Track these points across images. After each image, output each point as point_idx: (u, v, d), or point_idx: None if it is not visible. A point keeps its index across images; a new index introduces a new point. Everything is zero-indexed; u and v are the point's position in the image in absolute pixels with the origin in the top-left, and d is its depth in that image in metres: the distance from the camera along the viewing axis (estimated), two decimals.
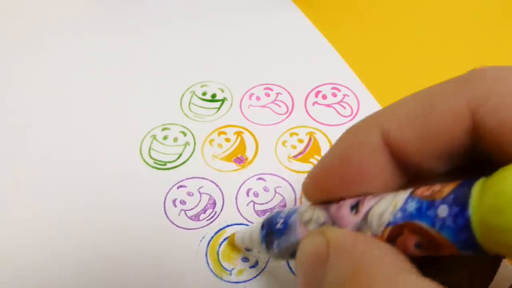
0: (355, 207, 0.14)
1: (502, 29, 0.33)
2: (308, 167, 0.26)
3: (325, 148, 0.26)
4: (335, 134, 0.27)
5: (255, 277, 0.22)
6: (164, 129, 0.28)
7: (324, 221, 0.15)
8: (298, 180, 0.25)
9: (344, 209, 0.14)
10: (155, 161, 0.26)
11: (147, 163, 0.26)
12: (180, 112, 0.28)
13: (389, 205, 0.13)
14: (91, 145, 0.27)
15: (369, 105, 0.28)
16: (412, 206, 0.12)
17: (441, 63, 0.31)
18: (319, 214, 0.15)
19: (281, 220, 0.17)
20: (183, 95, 0.29)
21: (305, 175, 0.25)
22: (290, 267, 0.22)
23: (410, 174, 0.15)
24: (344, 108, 0.28)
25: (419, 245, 0.12)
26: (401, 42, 0.33)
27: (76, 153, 0.27)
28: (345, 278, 0.12)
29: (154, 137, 0.27)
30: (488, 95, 0.12)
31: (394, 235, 0.13)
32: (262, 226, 0.18)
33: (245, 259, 0.22)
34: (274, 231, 0.17)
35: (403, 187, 0.14)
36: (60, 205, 0.25)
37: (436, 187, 0.12)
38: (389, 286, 0.11)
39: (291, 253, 0.16)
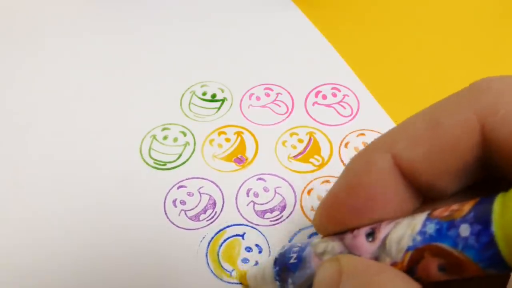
0: (371, 235, 0.14)
1: (502, 29, 0.33)
2: (308, 167, 0.26)
3: (325, 148, 0.26)
4: (335, 134, 0.27)
5: None
6: (164, 129, 0.28)
7: (340, 252, 0.15)
8: (298, 180, 0.25)
9: (360, 238, 0.14)
10: (155, 161, 0.26)
11: (147, 163, 0.26)
12: (180, 112, 0.28)
13: (406, 229, 0.13)
14: (91, 145, 0.27)
15: (369, 105, 0.28)
16: (431, 228, 0.12)
17: (441, 63, 0.31)
18: (334, 245, 0.15)
19: (295, 255, 0.16)
20: (183, 95, 0.29)
21: (305, 175, 0.25)
22: None
23: (423, 196, 0.14)
24: (344, 108, 0.28)
25: (442, 268, 0.12)
26: (401, 42, 0.33)
27: (76, 153, 0.27)
28: None
29: (154, 137, 0.27)
30: (496, 106, 0.12)
31: (415, 260, 0.12)
32: (275, 263, 0.17)
33: (246, 260, 0.22)
34: (288, 266, 0.16)
35: (416, 211, 0.14)
36: (60, 205, 0.25)
37: (454, 207, 0.12)
38: None
39: (308, 287, 0.16)
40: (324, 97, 0.29)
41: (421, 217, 0.13)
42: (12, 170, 0.26)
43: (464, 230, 0.11)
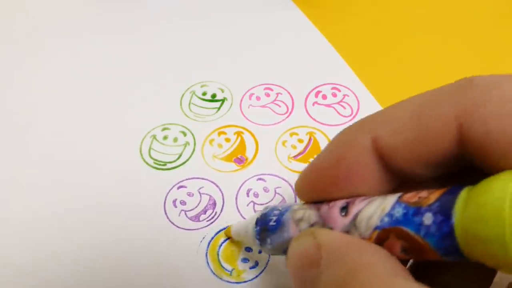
0: (345, 209, 0.15)
1: (502, 29, 0.33)
2: None
3: None
4: (335, 134, 0.27)
5: (255, 277, 0.22)
6: (164, 129, 0.28)
7: (315, 221, 0.15)
8: None
9: (334, 210, 0.15)
10: (155, 161, 0.26)
11: (147, 163, 0.26)
12: (180, 112, 0.28)
13: (377, 209, 0.14)
14: (91, 145, 0.27)
15: (369, 105, 0.28)
16: (399, 211, 0.13)
17: (441, 63, 0.31)
18: (311, 214, 0.16)
19: (274, 218, 0.17)
20: (183, 95, 0.29)
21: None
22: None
23: (399, 179, 0.15)
24: (344, 108, 0.28)
25: (404, 250, 0.13)
26: (401, 42, 0.33)
27: (76, 153, 0.27)
28: (340, 282, 0.12)
29: (154, 137, 0.27)
30: (475, 105, 0.12)
31: (381, 239, 0.13)
32: (256, 223, 0.18)
33: (245, 260, 0.22)
34: (268, 227, 0.17)
35: (392, 190, 0.15)
36: (60, 205, 0.25)
37: (423, 194, 0.13)
38: None
39: (285, 249, 0.16)
40: (324, 97, 0.29)
41: (391, 199, 0.13)
42: (12, 170, 0.26)
43: (428, 218, 0.12)
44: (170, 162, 0.26)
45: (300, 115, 0.28)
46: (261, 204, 0.24)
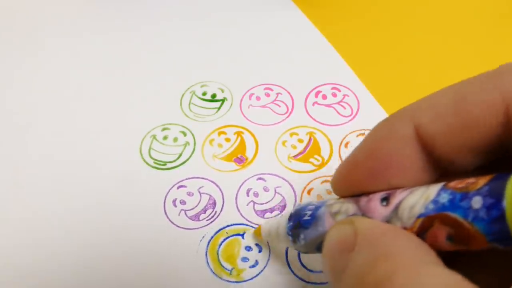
0: (385, 199, 0.14)
1: (502, 29, 0.33)
2: (308, 167, 0.26)
3: (325, 148, 0.26)
4: (335, 134, 0.27)
5: (255, 277, 0.22)
6: (164, 129, 0.28)
7: (354, 213, 0.15)
8: (298, 180, 0.25)
9: (374, 201, 0.14)
10: (155, 161, 0.26)
11: (147, 163, 0.26)
12: (180, 112, 0.28)
13: (420, 197, 0.13)
14: (91, 145, 0.27)
15: (369, 105, 0.28)
16: (444, 197, 0.12)
17: (441, 63, 0.31)
18: (349, 206, 0.15)
19: (309, 212, 0.17)
20: (183, 95, 0.29)
21: (305, 175, 0.25)
22: (290, 267, 0.22)
23: (441, 170, 0.15)
24: (344, 108, 0.28)
25: (450, 237, 0.12)
26: (401, 42, 0.33)
27: (76, 153, 0.27)
28: (368, 265, 0.12)
29: (154, 137, 0.27)
30: None
31: (425, 227, 0.13)
32: (290, 218, 0.18)
33: (245, 259, 0.22)
34: (302, 222, 0.17)
35: (433, 183, 0.14)
36: (60, 205, 0.25)
37: (471, 180, 0.12)
38: (411, 276, 0.11)
39: (318, 245, 0.16)
40: (324, 97, 0.29)
41: (436, 187, 0.13)
42: (12, 170, 0.26)
43: (476, 202, 0.11)
44: (170, 162, 0.26)
45: (300, 115, 0.28)
46: (261, 204, 0.24)
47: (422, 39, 0.33)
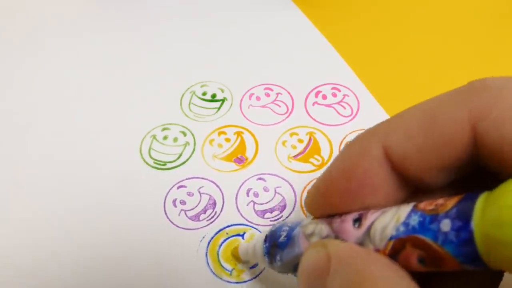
0: (357, 221, 0.14)
1: (502, 29, 0.33)
2: (308, 167, 0.26)
3: (325, 148, 0.27)
4: (335, 134, 0.27)
5: (255, 277, 0.22)
6: (164, 129, 0.28)
7: (327, 235, 0.15)
8: (298, 180, 0.25)
9: (346, 223, 0.14)
10: (155, 161, 0.26)
11: (147, 163, 0.26)
12: (180, 112, 0.28)
13: (391, 219, 0.13)
14: (91, 145, 0.27)
15: (369, 105, 0.28)
16: (414, 220, 0.12)
17: (441, 63, 0.31)
18: (322, 228, 0.15)
19: (284, 233, 0.17)
20: (183, 95, 0.29)
21: (305, 175, 0.25)
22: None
23: (412, 187, 0.15)
24: (344, 108, 0.28)
25: (421, 260, 0.12)
26: (401, 42, 0.33)
27: (76, 153, 0.27)
28: None
29: (154, 137, 0.27)
30: (490, 108, 0.12)
31: (396, 249, 0.13)
32: (265, 239, 0.18)
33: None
34: (278, 243, 0.17)
35: (405, 200, 0.14)
36: (60, 205, 0.25)
37: (439, 201, 0.12)
38: None
39: (294, 266, 0.16)
40: (324, 97, 0.29)
41: (406, 208, 0.13)
42: (12, 170, 0.26)
43: (446, 225, 0.11)
44: (170, 162, 0.26)
45: (300, 115, 0.28)
46: (261, 204, 0.24)
47: (422, 39, 0.33)
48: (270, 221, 0.24)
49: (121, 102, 0.29)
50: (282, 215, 0.24)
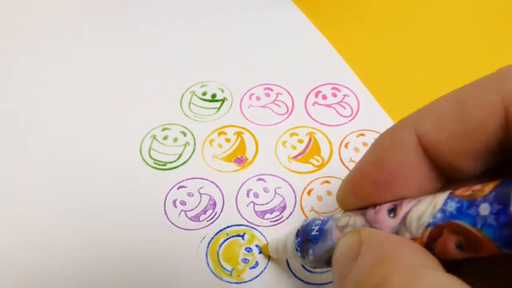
0: (392, 211, 0.14)
1: (502, 29, 0.33)
2: (308, 167, 0.26)
3: (325, 149, 0.26)
4: (335, 134, 0.27)
5: (255, 277, 0.22)
6: (164, 129, 0.28)
7: (361, 226, 0.15)
8: (298, 181, 0.25)
9: (381, 213, 0.14)
10: (155, 161, 0.26)
11: (147, 163, 0.26)
12: (180, 112, 0.28)
13: (428, 207, 0.13)
14: (91, 145, 0.27)
15: (369, 105, 0.28)
16: (452, 206, 0.12)
17: (441, 63, 0.31)
18: (356, 219, 0.15)
19: (317, 227, 0.17)
20: (183, 95, 0.29)
21: (305, 175, 0.25)
22: (290, 268, 0.22)
23: (446, 177, 0.15)
24: (344, 108, 0.28)
25: (460, 245, 0.12)
26: (401, 42, 0.33)
27: (76, 153, 0.27)
28: (366, 270, 0.12)
29: (154, 137, 0.27)
30: None
31: (434, 237, 0.13)
32: (297, 234, 0.18)
33: (245, 260, 0.22)
34: (310, 238, 0.17)
35: (439, 191, 0.14)
36: (60, 205, 0.25)
37: (477, 187, 0.12)
38: (406, 278, 0.11)
39: (327, 260, 0.16)
40: (324, 97, 0.29)
41: (443, 196, 0.13)
42: (12, 170, 0.26)
43: (484, 209, 0.12)
44: (170, 162, 0.26)
45: (300, 115, 0.28)
46: (261, 205, 0.24)
47: (422, 39, 0.33)
48: (270, 221, 0.24)
49: (121, 102, 0.29)
50: (282, 216, 0.24)
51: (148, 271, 0.22)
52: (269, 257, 0.22)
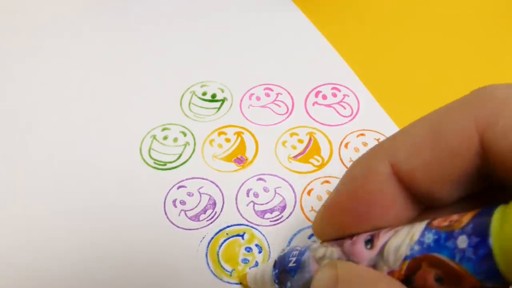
0: (369, 242, 0.14)
1: (502, 29, 0.33)
2: (308, 167, 0.26)
3: (325, 149, 0.26)
4: (335, 134, 0.27)
5: None
6: (164, 129, 0.28)
7: (338, 258, 0.15)
8: (298, 181, 0.25)
9: (358, 245, 0.14)
10: (155, 161, 0.26)
11: (147, 163, 0.26)
12: (180, 112, 0.28)
13: (405, 238, 0.13)
14: (91, 145, 0.27)
15: (369, 105, 0.28)
16: (429, 237, 0.12)
17: (441, 63, 0.31)
18: (333, 251, 0.15)
19: (294, 259, 0.17)
20: (183, 95, 0.29)
21: (305, 175, 0.25)
22: None
23: (423, 205, 0.14)
24: (344, 108, 0.28)
25: (439, 279, 0.12)
26: (401, 42, 0.33)
27: (76, 153, 0.27)
28: None
29: (154, 137, 0.27)
30: (496, 116, 0.12)
31: (412, 269, 0.12)
32: (274, 265, 0.18)
33: (246, 260, 0.22)
34: (287, 269, 0.17)
35: (416, 219, 0.14)
36: (60, 205, 0.25)
37: (454, 217, 0.12)
38: None
39: None
40: (324, 97, 0.29)
41: (420, 226, 0.13)
42: (12, 170, 0.26)
43: (462, 241, 0.11)
44: (170, 162, 0.26)
45: (300, 115, 0.28)
46: (261, 204, 0.24)
47: (422, 39, 0.33)
48: (270, 221, 0.24)
49: (121, 102, 0.29)
50: (282, 216, 0.24)
51: (148, 271, 0.22)
52: (268, 257, 0.22)
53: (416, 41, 0.33)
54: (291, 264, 0.16)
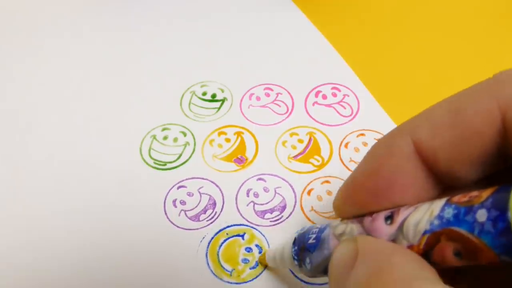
0: (389, 218, 0.14)
1: (502, 29, 0.33)
2: (308, 167, 0.26)
3: (325, 148, 0.26)
4: (335, 134, 0.27)
5: (255, 278, 0.22)
6: (164, 129, 0.28)
7: (358, 234, 0.15)
8: (298, 181, 0.25)
9: (378, 221, 0.14)
10: (155, 161, 0.26)
11: (147, 163, 0.26)
12: (180, 112, 0.28)
13: (425, 214, 0.13)
14: (91, 145, 0.27)
15: (369, 105, 0.28)
16: (449, 212, 0.12)
17: (441, 63, 0.31)
18: (353, 227, 0.15)
19: (313, 236, 0.17)
20: (183, 95, 0.29)
21: (305, 175, 0.25)
22: (290, 269, 0.22)
23: (443, 184, 0.15)
24: (344, 108, 0.28)
25: (457, 253, 0.12)
26: (401, 42, 0.33)
27: (76, 153, 0.27)
28: (362, 281, 0.12)
29: (154, 137, 0.27)
30: None
31: (431, 244, 0.12)
32: (294, 243, 0.18)
33: (246, 260, 0.22)
34: (307, 246, 0.17)
35: (436, 198, 0.14)
36: (60, 205, 0.25)
37: (474, 193, 0.12)
38: None
39: (324, 268, 0.16)
40: (324, 97, 0.29)
41: (440, 202, 0.13)
42: (12, 170, 0.26)
43: (482, 215, 0.11)
44: (170, 162, 0.26)
45: (300, 115, 0.28)
46: (261, 204, 0.24)
47: (422, 39, 0.33)
48: (270, 221, 0.24)
49: (121, 102, 0.29)
50: (282, 216, 0.24)
51: (148, 271, 0.22)
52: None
53: (416, 41, 0.33)
54: (311, 241, 0.17)
